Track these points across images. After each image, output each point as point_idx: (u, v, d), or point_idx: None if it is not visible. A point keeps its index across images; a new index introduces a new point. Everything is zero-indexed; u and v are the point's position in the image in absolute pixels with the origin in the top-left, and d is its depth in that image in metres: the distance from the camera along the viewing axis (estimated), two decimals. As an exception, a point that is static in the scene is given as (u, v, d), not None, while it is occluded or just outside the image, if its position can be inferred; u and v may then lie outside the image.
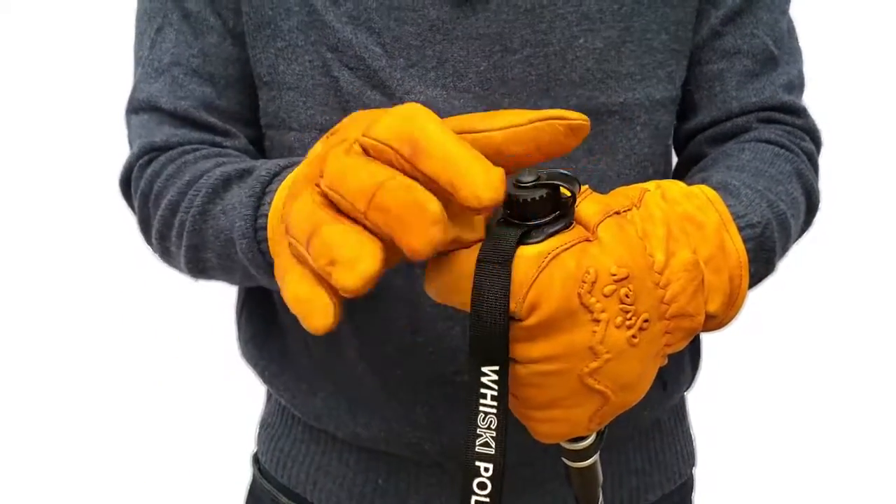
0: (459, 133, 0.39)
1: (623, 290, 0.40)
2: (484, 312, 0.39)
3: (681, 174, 0.70)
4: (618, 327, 0.40)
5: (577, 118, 0.41)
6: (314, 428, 0.71)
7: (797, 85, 0.69)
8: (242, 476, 0.83)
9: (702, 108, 0.68)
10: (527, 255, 0.39)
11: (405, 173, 0.37)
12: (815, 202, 0.64)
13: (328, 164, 0.38)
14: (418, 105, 0.38)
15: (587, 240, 0.40)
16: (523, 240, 0.40)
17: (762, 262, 0.54)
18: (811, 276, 1.83)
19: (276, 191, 0.50)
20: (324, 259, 0.36)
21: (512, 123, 0.40)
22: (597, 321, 0.40)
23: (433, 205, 0.35)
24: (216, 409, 1.93)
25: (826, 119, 0.73)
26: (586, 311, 0.40)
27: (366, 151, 0.38)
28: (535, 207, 0.40)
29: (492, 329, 0.39)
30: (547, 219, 0.40)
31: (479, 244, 0.41)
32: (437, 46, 0.60)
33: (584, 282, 0.39)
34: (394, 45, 0.60)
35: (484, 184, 0.36)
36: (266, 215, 0.51)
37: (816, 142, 0.69)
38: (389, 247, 0.37)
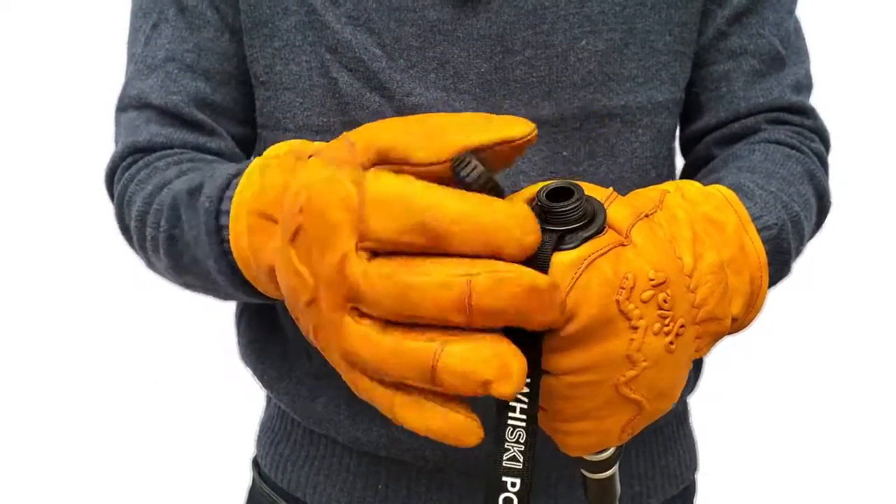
0: (399, 162, 0.36)
1: (661, 296, 0.39)
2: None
3: (688, 176, 0.70)
4: (655, 334, 0.39)
5: (523, 136, 0.37)
6: (314, 432, 0.71)
7: (805, 85, 0.68)
8: (242, 480, 0.83)
9: (708, 109, 0.67)
10: (562, 262, 0.38)
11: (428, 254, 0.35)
12: (827, 204, 0.63)
13: (362, 290, 0.35)
14: (390, 175, 0.35)
15: (621, 244, 0.39)
16: (557, 246, 0.38)
17: (778, 264, 0.54)
18: (816, 279, 1.82)
19: (228, 226, 0.48)
20: (474, 384, 0.34)
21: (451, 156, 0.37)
22: (634, 328, 0.39)
23: (541, 279, 0.34)
24: (216, 413, 1.92)
25: (834, 120, 0.72)
26: (624, 319, 0.38)
27: (374, 254, 0.35)
28: (568, 212, 0.39)
29: (524, 339, 0.37)
30: (578, 224, 0.39)
31: None
32: (437, 48, 0.59)
33: (622, 288, 0.38)
34: (394, 47, 0.59)
35: (521, 232, 0.34)
36: (231, 252, 0.49)
37: (825, 143, 0.68)
38: None
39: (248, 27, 0.62)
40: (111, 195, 0.65)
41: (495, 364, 0.34)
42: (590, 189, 0.41)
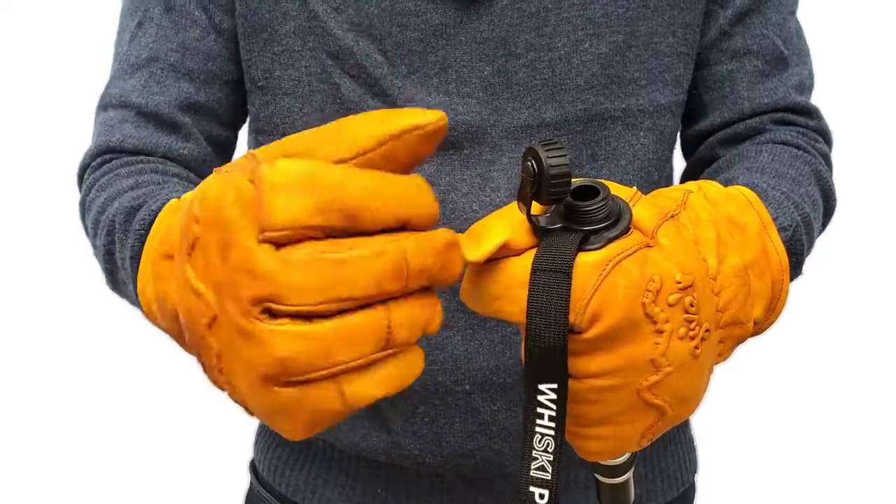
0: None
1: (688, 299, 0.38)
2: (542, 325, 0.37)
3: (691, 177, 0.69)
4: (681, 338, 0.38)
5: (434, 122, 0.36)
6: (312, 437, 0.70)
7: (808, 86, 0.68)
8: (240, 483, 0.82)
9: (712, 109, 0.67)
10: (587, 263, 0.37)
11: (342, 235, 0.33)
12: (833, 204, 0.63)
13: (283, 282, 0.31)
14: (286, 161, 0.33)
15: (647, 245, 0.38)
16: (581, 246, 0.38)
17: (792, 266, 0.53)
18: (816, 280, 1.82)
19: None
20: (420, 329, 0.35)
21: (360, 149, 0.34)
22: (660, 332, 0.38)
23: (451, 234, 0.35)
24: (214, 416, 1.92)
25: (834, 120, 0.72)
26: (650, 322, 0.38)
27: (277, 244, 0.32)
28: (593, 212, 0.38)
29: (551, 344, 0.36)
30: (603, 224, 0.38)
31: (532, 251, 0.38)
32: (440, 52, 0.59)
33: (648, 290, 0.37)
34: (395, 52, 0.59)
35: (427, 202, 0.35)
36: None
37: (829, 143, 0.68)
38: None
39: (246, 32, 0.62)
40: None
41: (433, 306, 0.35)
42: (614, 188, 0.40)
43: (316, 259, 0.32)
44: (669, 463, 0.73)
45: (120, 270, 0.54)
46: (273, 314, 0.32)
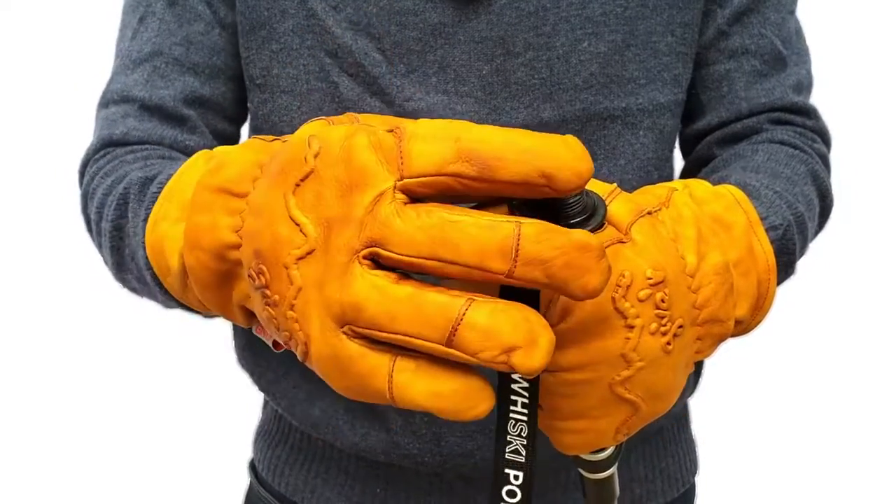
0: None
1: (659, 295, 0.38)
2: None
3: (690, 176, 0.69)
4: (652, 334, 0.38)
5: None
6: (312, 436, 0.70)
7: (806, 86, 0.68)
8: (239, 483, 0.82)
9: (710, 109, 0.67)
10: None
11: (478, 193, 0.33)
12: (829, 204, 0.63)
13: (394, 227, 0.32)
14: (427, 120, 0.34)
15: (620, 241, 0.39)
16: None
17: (782, 265, 0.53)
18: (816, 280, 1.82)
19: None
20: (495, 350, 0.31)
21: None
22: (630, 327, 0.38)
23: (593, 238, 0.32)
24: (213, 415, 1.92)
25: (834, 121, 0.72)
26: (620, 317, 0.38)
27: (411, 196, 0.33)
28: (566, 207, 0.38)
29: None
30: (578, 219, 0.38)
31: None
32: (438, 51, 0.59)
33: (618, 286, 0.37)
34: (394, 51, 0.59)
35: (573, 157, 0.32)
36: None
37: (827, 143, 0.68)
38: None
39: (244, 30, 0.62)
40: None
41: (525, 329, 0.31)
42: (592, 184, 0.40)
43: (429, 213, 0.32)
44: (670, 463, 0.73)
45: (128, 244, 0.53)
46: (376, 264, 0.33)
